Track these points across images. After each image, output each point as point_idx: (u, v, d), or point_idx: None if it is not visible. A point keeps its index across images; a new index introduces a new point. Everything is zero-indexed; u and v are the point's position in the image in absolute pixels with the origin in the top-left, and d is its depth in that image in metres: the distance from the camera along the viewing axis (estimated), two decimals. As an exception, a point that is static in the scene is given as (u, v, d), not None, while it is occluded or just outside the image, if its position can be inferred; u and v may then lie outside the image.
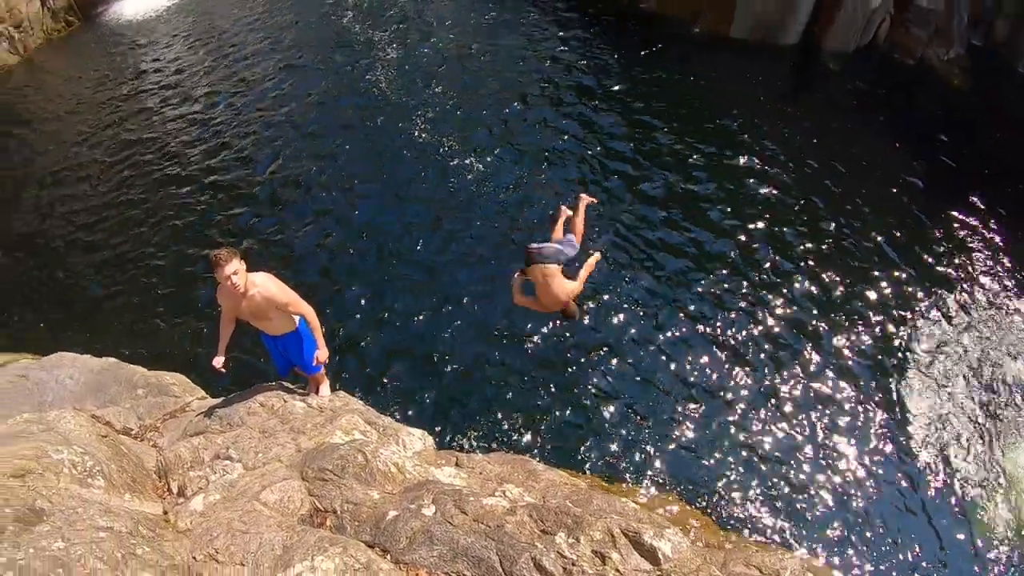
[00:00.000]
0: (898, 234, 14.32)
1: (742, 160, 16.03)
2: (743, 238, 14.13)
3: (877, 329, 12.61)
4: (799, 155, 16.25)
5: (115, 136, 20.57)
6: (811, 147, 16.52)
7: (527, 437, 11.05)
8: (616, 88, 18.92)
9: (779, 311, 12.81)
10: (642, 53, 20.27)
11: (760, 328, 12.54)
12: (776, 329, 12.54)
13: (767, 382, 11.78)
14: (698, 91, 18.57)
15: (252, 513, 5.42)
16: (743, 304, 12.94)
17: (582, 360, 12.17)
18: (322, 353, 7.86)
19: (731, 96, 18.31)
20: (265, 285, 7.40)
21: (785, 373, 11.88)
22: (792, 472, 10.61)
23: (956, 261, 13.87)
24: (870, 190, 15.28)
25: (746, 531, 9.85)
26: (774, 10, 19.76)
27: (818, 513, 10.18)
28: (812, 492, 10.39)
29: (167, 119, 20.87)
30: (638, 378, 11.84)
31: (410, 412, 11.17)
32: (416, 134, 17.78)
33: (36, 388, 9.15)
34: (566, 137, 17.15)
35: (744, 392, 11.66)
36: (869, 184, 15.45)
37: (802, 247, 13.94)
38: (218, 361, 7.58)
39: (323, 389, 8.87)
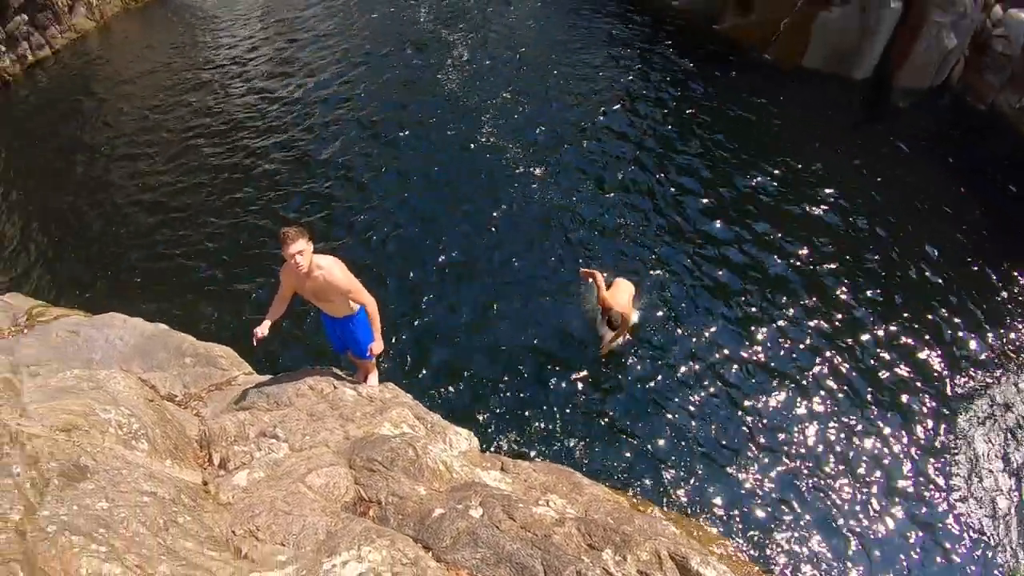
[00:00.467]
0: (959, 281, 13.94)
1: (805, 191, 15.72)
2: (807, 272, 13.82)
3: (937, 382, 12.22)
4: (863, 191, 15.90)
5: (185, 105, 20.76)
6: (875, 183, 16.14)
7: (567, 449, 10.88)
8: (687, 110, 18.70)
9: (839, 356, 12.42)
10: (716, 75, 20.05)
11: (821, 369, 12.18)
12: (835, 373, 12.18)
13: (824, 426, 11.44)
14: (767, 118, 18.28)
15: (296, 495, 5.32)
16: (800, 341, 12.63)
17: (633, 380, 11.97)
18: (376, 346, 7.83)
19: (799, 125, 18.00)
20: (330, 269, 7.35)
21: (844, 418, 11.52)
22: (841, 524, 10.27)
23: (1018, 315, 13.51)
24: (932, 233, 14.89)
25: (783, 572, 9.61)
26: (849, 43, 19.45)
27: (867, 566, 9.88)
28: (861, 549, 10.08)
29: (236, 94, 21.02)
30: (691, 407, 11.58)
31: (452, 410, 11.04)
32: (481, 138, 17.71)
33: (85, 345, 9.13)
34: (630, 154, 16.97)
35: (798, 435, 11.30)
36: (931, 226, 15.06)
37: (865, 288, 13.60)
38: (261, 329, 7.46)
39: (371, 379, 8.79)
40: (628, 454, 10.90)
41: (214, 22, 26.06)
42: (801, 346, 12.54)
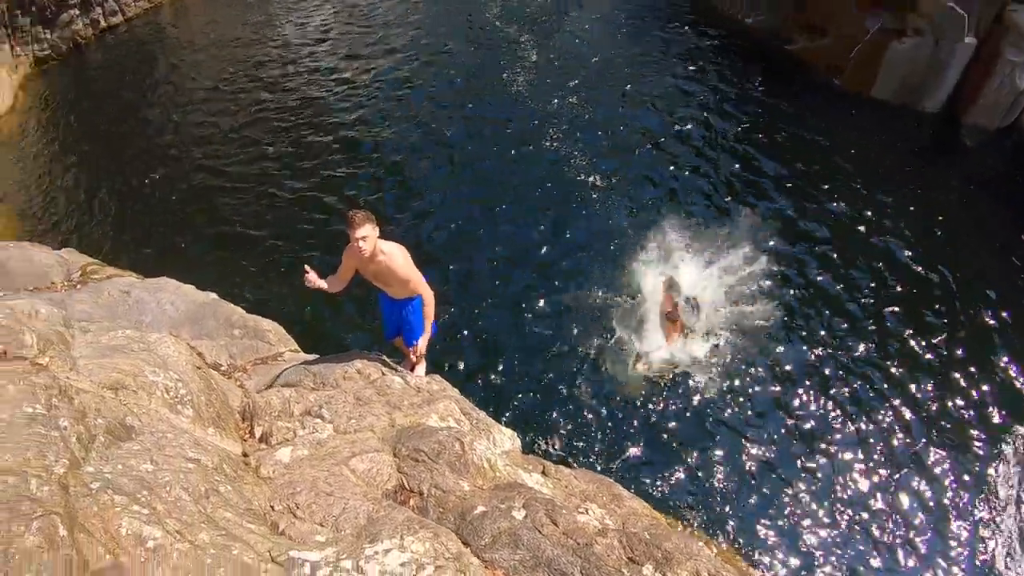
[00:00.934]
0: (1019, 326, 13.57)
1: (870, 222, 15.43)
2: (870, 307, 13.55)
3: (1007, 435, 11.88)
4: (926, 227, 15.59)
5: (254, 80, 21.06)
6: (937, 221, 15.79)
7: (607, 457, 10.76)
8: (757, 131, 18.50)
9: (902, 402, 12.05)
10: (786, 97, 19.82)
11: (883, 417, 11.82)
12: (897, 420, 11.82)
13: (880, 478, 11.13)
14: (835, 144, 17.96)
15: (339, 477, 5.24)
16: (863, 383, 12.29)
17: (688, 401, 11.81)
18: (423, 342, 7.86)
19: (866, 155, 17.67)
20: (393, 255, 7.35)
21: (898, 470, 11.22)
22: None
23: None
24: (992, 275, 14.53)
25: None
26: (920, 76, 19.11)
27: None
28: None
29: (304, 73, 21.29)
30: (739, 435, 11.39)
31: (492, 407, 10.95)
32: (542, 140, 17.66)
33: (136, 306, 9.16)
34: (699, 169, 16.81)
35: (851, 483, 11.00)
36: (991, 269, 14.71)
37: (928, 331, 13.22)
38: (314, 277, 7.44)
39: (419, 369, 8.72)
40: (671, 473, 10.76)
41: (289, 2, 26.26)
42: (865, 388, 12.22)
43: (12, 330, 5.20)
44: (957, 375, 12.48)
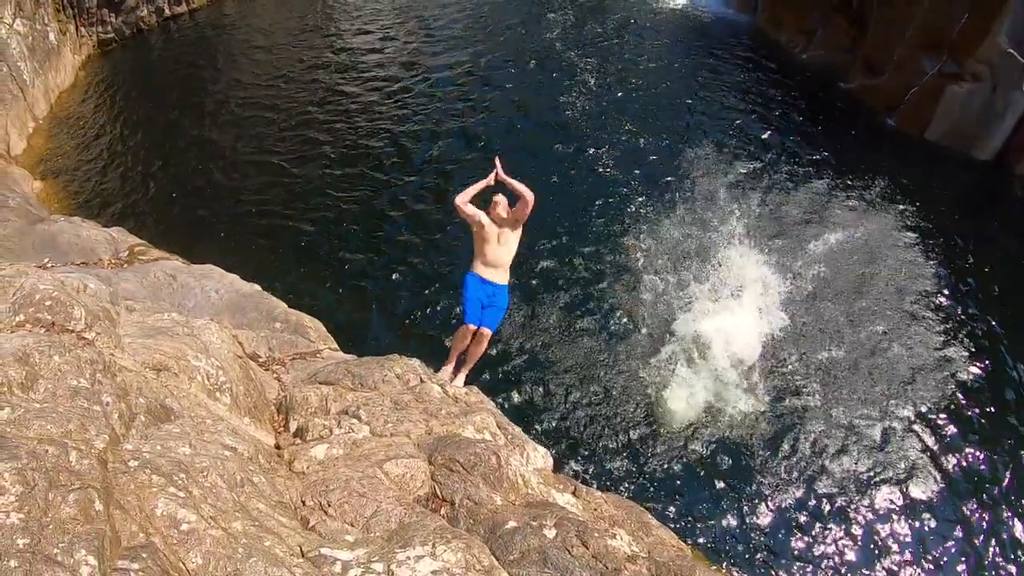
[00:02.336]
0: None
1: (918, 267, 15.20)
2: (919, 354, 13.30)
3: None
4: (970, 274, 15.37)
5: (313, 80, 21.32)
6: (981, 271, 15.56)
7: (636, 483, 10.66)
8: (810, 167, 18.29)
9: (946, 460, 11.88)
10: (840, 134, 19.65)
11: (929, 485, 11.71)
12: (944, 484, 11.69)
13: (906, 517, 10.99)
14: (887, 185, 17.65)
15: (373, 479, 5.20)
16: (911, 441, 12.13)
17: (719, 437, 11.68)
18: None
19: (917, 197, 17.37)
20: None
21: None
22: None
23: None
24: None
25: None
26: (974, 122, 18.89)
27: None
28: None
29: (362, 79, 21.45)
30: (775, 477, 11.24)
31: (529, 423, 10.92)
32: (594, 164, 17.59)
33: (181, 291, 9.24)
34: (749, 204, 16.59)
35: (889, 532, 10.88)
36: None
37: (973, 388, 12.99)
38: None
39: (459, 379, 8.66)
40: (701, 507, 10.65)
41: (353, 8, 26.49)
42: (912, 446, 12.00)
43: (62, 303, 5.23)
44: (1002, 436, 12.24)
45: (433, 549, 4.10)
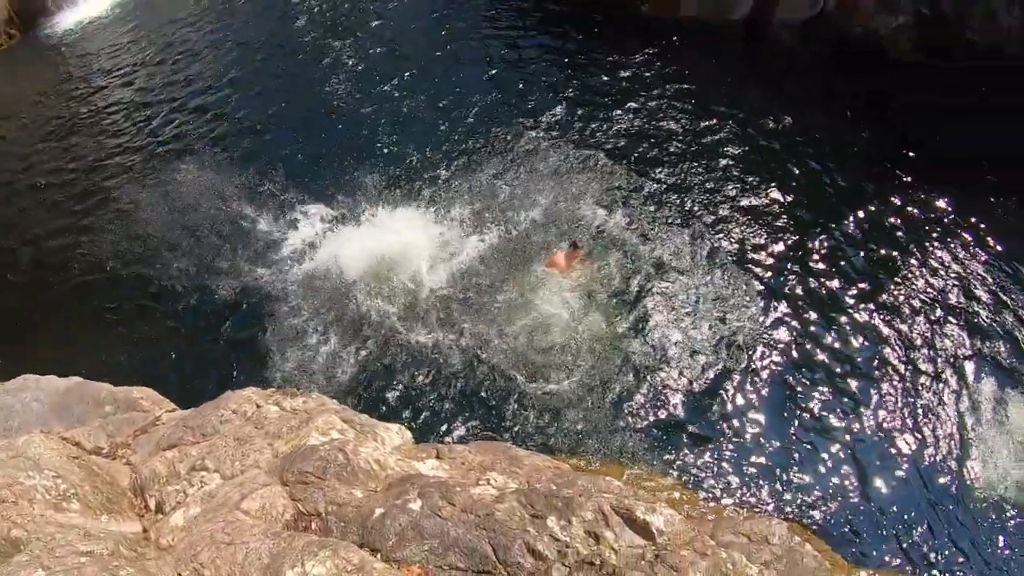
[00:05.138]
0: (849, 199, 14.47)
1: (704, 145, 16.01)
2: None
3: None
4: (753, 126, 16.30)
5: (63, 148, 20.22)
6: (761, 121, 16.47)
7: (502, 424, 10.95)
8: (562, 73, 18.79)
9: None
10: (593, 31, 20.21)
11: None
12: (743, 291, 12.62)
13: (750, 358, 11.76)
14: (653, 75, 18.23)
15: (235, 523, 5.31)
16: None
17: (553, 341, 12.09)
18: None
19: (687, 78, 18.05)
20: None
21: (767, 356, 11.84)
22: (776, 442, 10.55)
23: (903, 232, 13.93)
24: (827, 168, 15.28)
25: (729, 503, 9.81)
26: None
27: (801, 483, 10.12)
28: (796, 462, 10.33)
29: (114, 131, 20.47)
30: (609, 359, 11.73)
31: (383, 407, 11.06)
32: (379, 145, 17.35)
33: (2, 414, 8.92)
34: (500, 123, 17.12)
35: (730, 365, 11.62)
36: (825, 162, 15.44)
37: (761, 220, 14.06)
38: None
39: None
40: (571, 423, 10.98)
41: (87, 57, 25.21)
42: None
43: None
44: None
45: (303, 569, 4.28)
